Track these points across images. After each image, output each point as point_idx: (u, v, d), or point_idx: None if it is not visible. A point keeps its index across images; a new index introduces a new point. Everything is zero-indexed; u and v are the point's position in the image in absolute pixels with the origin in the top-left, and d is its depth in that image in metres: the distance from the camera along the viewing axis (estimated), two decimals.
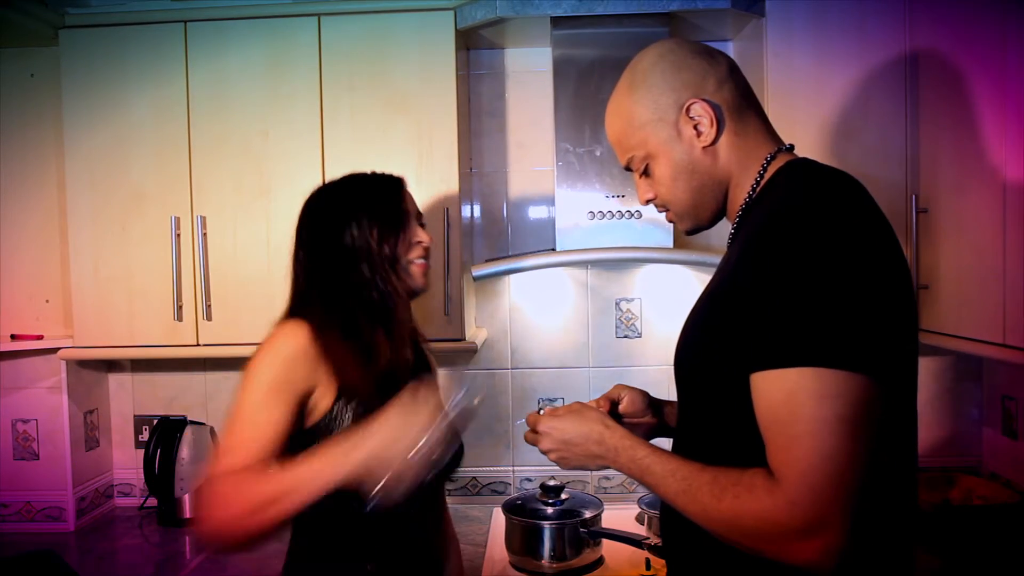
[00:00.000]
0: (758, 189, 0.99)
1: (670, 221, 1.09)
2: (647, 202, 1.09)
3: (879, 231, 0.88)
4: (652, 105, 1.00)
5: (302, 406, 1.15)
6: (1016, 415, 1.90)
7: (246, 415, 1.11)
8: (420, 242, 1.27)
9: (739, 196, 1.01)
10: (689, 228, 1.07)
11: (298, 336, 1.15)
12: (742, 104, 1.00)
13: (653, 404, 1.24)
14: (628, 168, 1.08)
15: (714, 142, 0.98)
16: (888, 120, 1.73)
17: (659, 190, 1.04)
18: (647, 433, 1.22)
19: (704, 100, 0.97)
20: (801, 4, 1.74)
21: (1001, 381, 1.98)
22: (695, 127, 0.98)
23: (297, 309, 1.22)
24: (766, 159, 0.99)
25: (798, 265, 0.82)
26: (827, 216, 0.85)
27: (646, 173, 1.05)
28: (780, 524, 0.80)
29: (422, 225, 1.31)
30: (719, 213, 1.05)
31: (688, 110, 0.98)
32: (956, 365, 2.06)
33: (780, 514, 0.80)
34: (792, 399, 0.81)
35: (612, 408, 1.20)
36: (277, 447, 1.10)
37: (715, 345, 0.92)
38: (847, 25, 1.73)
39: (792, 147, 1.02)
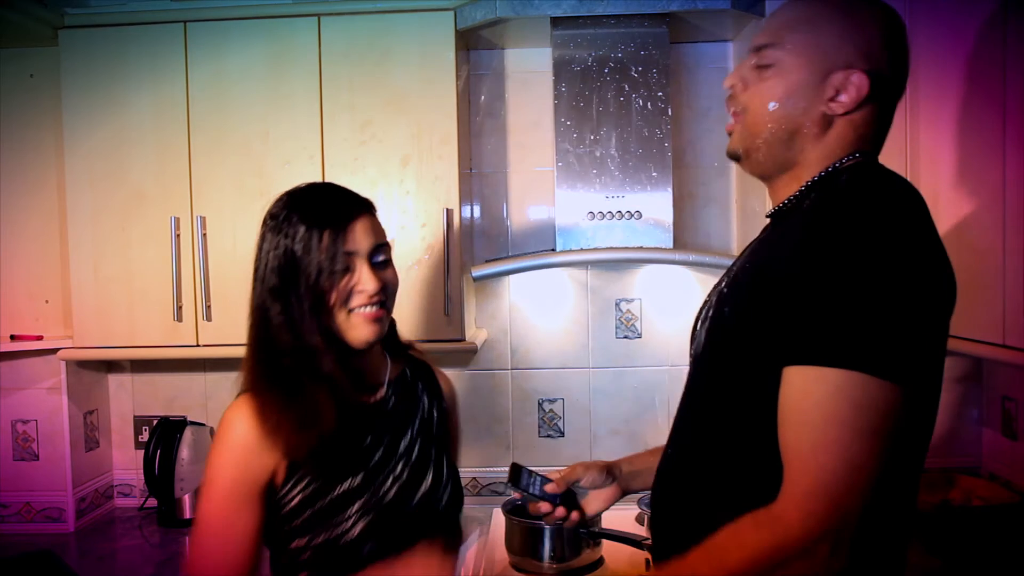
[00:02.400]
0: (818, 178, 0.94)
1: (728, 132, 1.01)
2: (730, 87, 0.99)
3: (937, 244, 0.86)
4: (837, 37, 0.92)
5: (271, 493, 1.06)
6: (1016, 416, 1.90)
7: (212, 528, 1.04)
8: (363, 291, 1.06)
9: (802, 176, 0.95)
10: (735, 148, 0.99)
11: (242, 420, 1.04)
12: (882, 110, 0.95)
13: (611, 471, 1.25)
14: (757, 50, 0.97)
15: (836, 116, 0.93)
16: None
17: (753, 95, 0.96)
18: (611, 500, 1.26)
19: (868, 78, 0.91)
20: None
21: (1001, 382, 1.98)
22: (836, 91, 0.92)
23: (245, 372, 1.09)
24: (847, 157, 0.94)
25: (859, 264, 0.80)
26: (892, 220, 0.83)
27: (761, 69, 0.95)
28: (792, 540, 0.79)
29: (378, 263, 1.09)
30: (767, 168, 0.98)
31: (849, 74, 0.91)
32: (956, 366, 2.06)
33: (792, 531, 0.79)
34: (828, 402, 0.79)
35: (571, 487, 1.23)
36: (252, 554, 1.04)
37: (748, 328, 0.89)
38: None
39: (875, 157, 0.98)
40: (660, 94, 1.85)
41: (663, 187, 1.86)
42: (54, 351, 1.94)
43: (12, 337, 1.98)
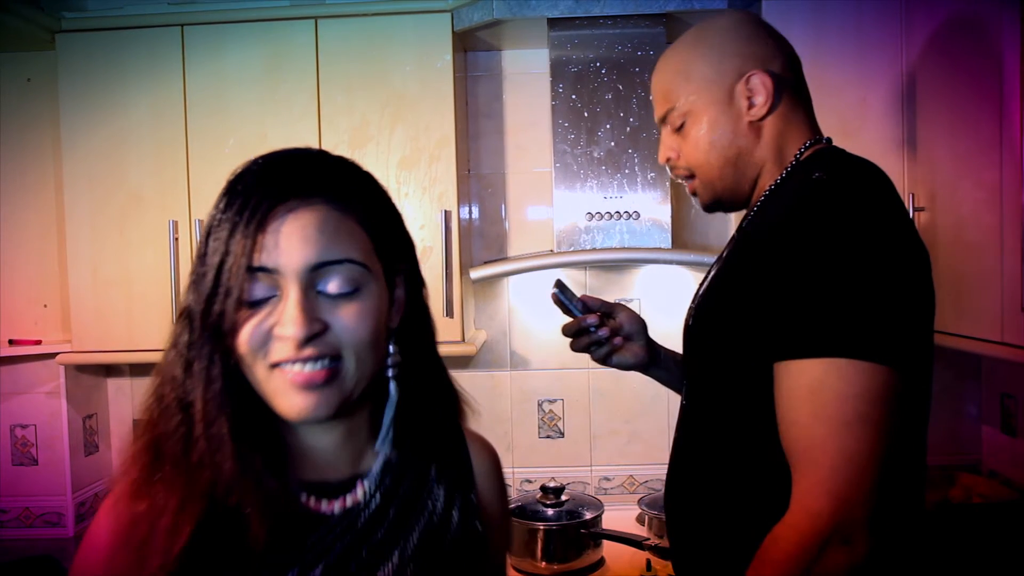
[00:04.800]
0: (784, 175, 0.98)
1: (692, 192, 1.06)
2: (667, 160, 1.05)
3: (905, 222, 0.87)
4: (715, 64, 0.98)
5: None
6: (1015, 413, 1.91)
7: None
8: (282, 336, 0.64)
9: (767, 184, 0.99)
10: (708, 201, 1.04)
11: (104, 522, 0.72)
12: (796, 92, 1.00)
13: (652, 343, 1.22)
14: (663, 121, 1.04)
15: (762, 119, 0.97)
16: (885, 119, 1.73)
17: (689, 152, 1.01)
18: (638, 357, 1.20)
19: (766, 73, 0.96)
20: (798, 4, 1.75)
21: (1000, 379, 1.98)
22: (749, 99, 0.97)
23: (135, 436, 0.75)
24: (800, 149, 0.98)
25: (822, 251, 0.81)
26: (857, 204, 0.84)
27: (679, 131, 1.02)
28: (808, 543, 0.79)
29: (328, 292, 0.66)
30: (742, 196, 1.02)
31: (748, 80, 0.96)
32: (955, 363, 2.06)
33: (805, 535, 0.79)
34: (814, 396, 0.79)
35: (602, 320, 1.17)
36: None
37: (737, 329, 0.90)
38: (844, 25, 1.74)
39: (830, 140, 1.01)
40: None
41: (661, 187, 1.86)
42: (53, 355, 1.94)
43: (11, 342, 1.97)
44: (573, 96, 1.87)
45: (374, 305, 0.68)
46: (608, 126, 1.86)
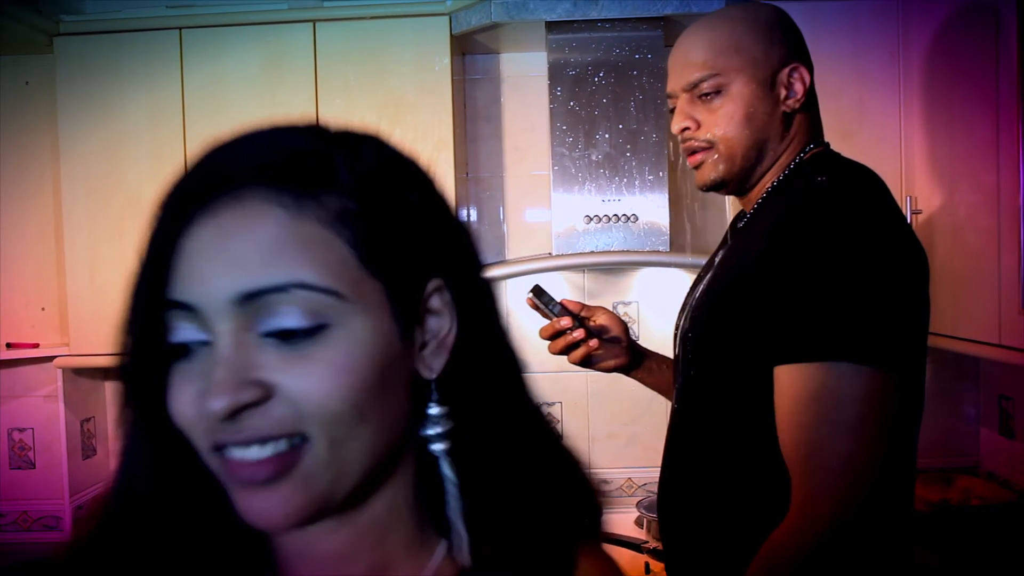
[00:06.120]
0: (785, 175, 0.99)
1: (695, 165, 1.01)
2: (682, 130, 1.00)
3: (904, 227, 0.88)
4: (766, 44, 0.97)
5: None
6: (1013, 414, 1.91)
7: None
8: (212, 409, 0.41)
9: (770, 180, 1.00)
10: (719, 177, 0.99)
11: None
12: (815, 96, 1.02)
13: (634, 345, 1.21)
14: (691, 87, 0.98)
15: (794, 112, 0.98)
16: (882, 121, 1.74)
17: (718, 124, 0.97)
18: (617, 361, 1.18)
19: (807, 69, 0.98)
20: (795, 6, 1.73)
21: (998, 381, 1.98)
22: (787, 89, 0.97)
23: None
24: (805, 149, 0.99)
25: (826, 257, 0.82)
26: (860, 210, 0.85)
27: (705, 101, 0.98)
28: (809, 545, 0.79)
29: (273, 334, 0.43)
30: (749, 183, 1.01)
31: (791, 71, 0.97)
32: (953, 365, 2.06)
33: (807, 537, 0.79)
34: (816, 400, 0.80)
35: (579, 321, 1.15)
36: None
37: (735, 332, 0.90)
38: (841, 27, 1.74)
39: (827, 144, 1.03)
40: (655, 97, 1.86)
41: (659, 190, 1.86)
42: (50, 359, 1.93)
43: (8, 345, 1.97)
44: (571, 99, 1.87)
45: (355, 351, 0.43)
46: (606, 129, 1.86)
